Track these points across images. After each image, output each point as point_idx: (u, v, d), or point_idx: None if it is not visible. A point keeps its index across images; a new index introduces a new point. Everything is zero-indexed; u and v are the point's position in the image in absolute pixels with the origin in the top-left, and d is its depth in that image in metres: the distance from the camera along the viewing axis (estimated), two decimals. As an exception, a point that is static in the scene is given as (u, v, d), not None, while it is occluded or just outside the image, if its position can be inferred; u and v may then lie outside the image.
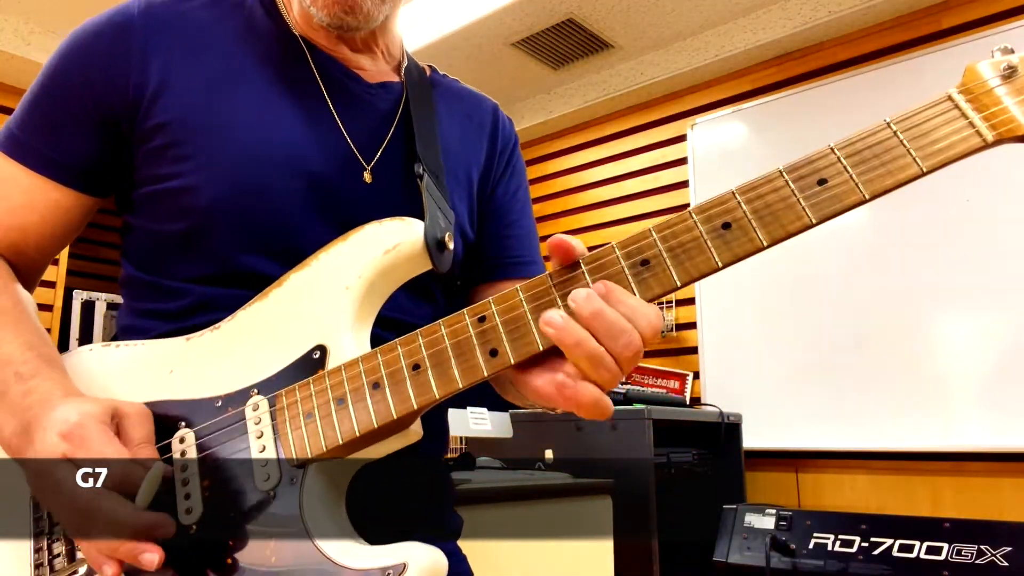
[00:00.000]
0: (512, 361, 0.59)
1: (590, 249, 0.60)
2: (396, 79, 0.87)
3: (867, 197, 0.56)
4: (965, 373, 2.54)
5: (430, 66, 0.95)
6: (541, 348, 0.58)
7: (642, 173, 3.53)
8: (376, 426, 0.61)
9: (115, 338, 0.78)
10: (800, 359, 2.86)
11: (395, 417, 0.60)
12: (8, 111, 3.25)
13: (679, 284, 0.58)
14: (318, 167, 0.76)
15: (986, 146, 0.56)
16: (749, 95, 3.21)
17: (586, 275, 0.59)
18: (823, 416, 2.79)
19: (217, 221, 0.72)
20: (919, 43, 2.78)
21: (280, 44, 0.81)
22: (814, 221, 0.56)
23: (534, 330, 0.59)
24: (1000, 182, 2.49)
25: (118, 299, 3.90)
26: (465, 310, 0.62)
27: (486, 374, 0.59)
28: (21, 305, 0.73)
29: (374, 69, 0.85)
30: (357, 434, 0.61)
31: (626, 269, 0.58)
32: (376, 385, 0.62)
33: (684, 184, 3.34)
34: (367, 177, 0.78)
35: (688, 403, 3.04)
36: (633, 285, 0.58)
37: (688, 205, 3.23)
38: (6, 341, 0.68)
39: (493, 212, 0.92)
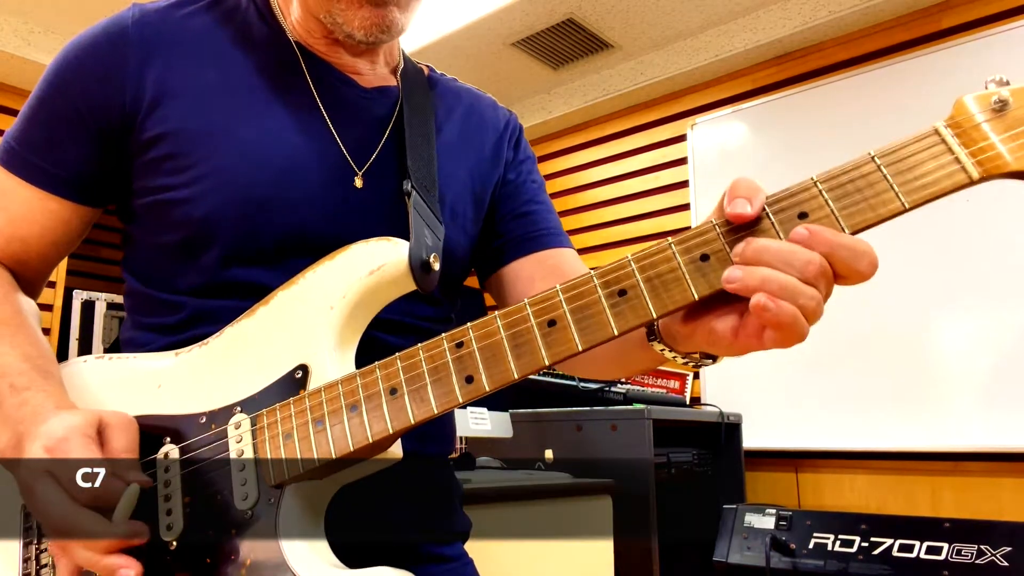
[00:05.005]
0: (488, 388, 0.59)
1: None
2: (393, 82, 0.86)
3: (848, 233, 0.54)
4: (965, 373, 2.53)
5: (428, 66, 0.95)
6: (516, 376, 0.58)
7: (642, 173, 3.53)
8: (352, 449, 0.61)
9: (116, 349, 0.78)
10: (800, 359, 2.86)
11: (371, 441, 0.60)
12: (7, 111, 3.24)
13: (655, 315, 0.56)
14: (311, 176, 0.75)
15: (972, 183, 0.55)
16: (749, 95, 3.21)
17: (559, 294, 0.59)
18: (823, 416, 2.79)
19: (212, 232, 0.72)
20: (919, 43, 2.78)
21: (274, 51, 0.80)
22: None
23: (509, 357, 0.58)
24: (1000, 181, 2.48)
25: (118, 299, 3.88)
26: (444, 335, 0.61)
27: (461, 400, 0.59)
28: (21, 315, 0.74)
29: (371, 73, 0.84)
30: (333, 456, 0.61)
31: (603, 298, 0.57)
32: (354, 408, 0.62)
33: (684, 184, 3.34)
34: (358, 183, 0.77)
35: (688, 403, 3.04)
36: (609, 315, 0.57)
37: (688, 205, 3.26)
38: (3, 353, 0.68)
39: (510, 194, 0.91)
